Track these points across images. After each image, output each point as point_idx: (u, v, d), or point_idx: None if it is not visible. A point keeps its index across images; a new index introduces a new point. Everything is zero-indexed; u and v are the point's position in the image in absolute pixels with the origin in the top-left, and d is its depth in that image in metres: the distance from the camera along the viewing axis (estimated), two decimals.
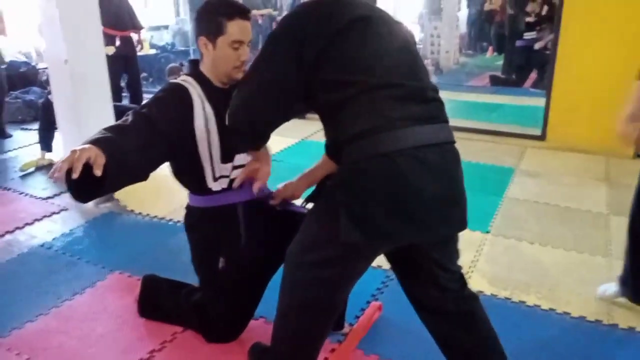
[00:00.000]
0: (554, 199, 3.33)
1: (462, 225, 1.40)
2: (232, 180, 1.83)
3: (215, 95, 1.79)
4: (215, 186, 1.82)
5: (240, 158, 1.84)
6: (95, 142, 1.40)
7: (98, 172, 1.31)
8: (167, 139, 1.66)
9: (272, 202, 1.86)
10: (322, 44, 1.35)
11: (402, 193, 1.28)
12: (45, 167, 4.01)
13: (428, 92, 1.38)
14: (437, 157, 1.32)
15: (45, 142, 4.06)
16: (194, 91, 1.76)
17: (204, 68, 1.81)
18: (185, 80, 1.79)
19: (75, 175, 1.27)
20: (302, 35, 1.37)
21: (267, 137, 1.57)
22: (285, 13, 8.48)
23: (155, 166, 1.66)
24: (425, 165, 1.29)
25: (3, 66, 5.01)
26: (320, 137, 1.57)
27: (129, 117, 1.62)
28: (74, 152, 1.31)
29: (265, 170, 1.78)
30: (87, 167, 1.30)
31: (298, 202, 1.91)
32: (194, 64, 1.85)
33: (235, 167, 1.84)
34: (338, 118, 1.36)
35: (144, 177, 1.62)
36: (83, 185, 1.31)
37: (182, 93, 1.75)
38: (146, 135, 1.59)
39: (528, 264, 2.52)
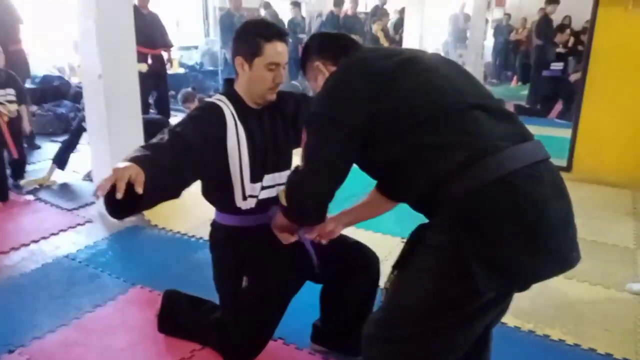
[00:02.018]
0: (580, 233, 3.24)
1: (578, 250, 1.24)
2: (260, 201, 1.84)
3: (248, 115, 1.81)
4: (244, 205, 1.83)
5: (269, 179, 1.85)
6: (134, 160, 1.43)
7: (140, 189, 1.33)
8: (200, 157, 1.68)
9: (308, 235, 1.73)
10: (378, 98, 1.27)
11: (533, 219, 1.13)
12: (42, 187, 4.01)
13: (505, 108, 1.30)
14: (549, 173, 1.20)
15: (62, 160, 4.10)
16: (228, 110, 1.78)
17: (239, 88, 1.83)
18: (220, 99, 1.81)
19: (119, 196, 1.29)
20: (353, 99, 1.29)
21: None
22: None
23: (188, 184, 1.68)
24: (543, 183, 1.17)
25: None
26: None
27: (164, 136, 1.64)
28: (116, 170, 1.33)
29: (275, 222, 1.74)
30: (127, 186, 1.32)
31: None
32: (229, 83, 1.87)
33: (264, 188, 1.85)
34: (422, 159, 1.23)
35: (177, 194, 1.64)
36: (121, 202, 1.33)
37: (216, 112, 1.77)
38: (181, 154, 1.61)
39: (552, 298, 2.46)
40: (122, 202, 1.32)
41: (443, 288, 1.21)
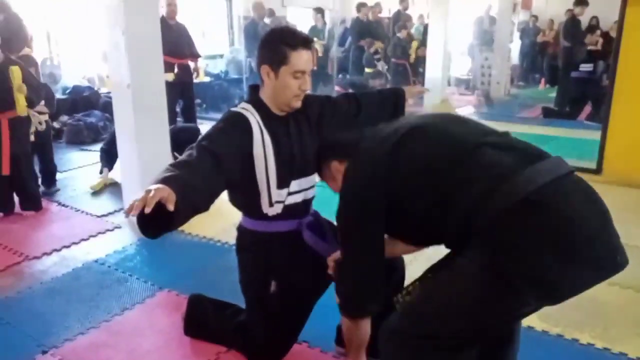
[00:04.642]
0: None
1: (623, 254, 1.25)
2: (286, 207, 1.85)
3: (273, 122, 1.81)
4: (270, 211, 1.84)
5: (296, 184, 1.85)
6: (165, 181, 1.44)
7: (171, 207, 1.35)
8: (229, 169, 1.69)
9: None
10: (390, 176, 1.39)
11: (566, 231, 1.17)
12: (108, 186, 4.26)
13: (511, 139, 1.38)
14: (575, 185, 1.26)
15: (108, 160, 4.27)
16: (253, 119, 1.78)
17: (264, 95, 1.83)
18: (245, 108, 1.81)
19: (147, 210, 1.30)
20: (370, 185, 1.42)
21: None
22: (333, 45, 8.64)
23: (217, 196, 1.68)
24: (570, 195, 1.22)
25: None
26: None
27: (193, 152, 1.65)
28: (148, 191, 1.35)
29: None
30: (159, 205, 1.34)
31: None
32: (254, 91, 1.87)
33: (290, 193, 1.85)
34: (445, 203, 1.30)
35: (207, 208, 1.65)
36: (154, 222, 1.36)
37: (241, 122, 1.77)
38: (210, 169, 1.62)
39: (581, 301, 2.35)
40: (155, 221, 1.35)
41: (484, 296, 1.25)
